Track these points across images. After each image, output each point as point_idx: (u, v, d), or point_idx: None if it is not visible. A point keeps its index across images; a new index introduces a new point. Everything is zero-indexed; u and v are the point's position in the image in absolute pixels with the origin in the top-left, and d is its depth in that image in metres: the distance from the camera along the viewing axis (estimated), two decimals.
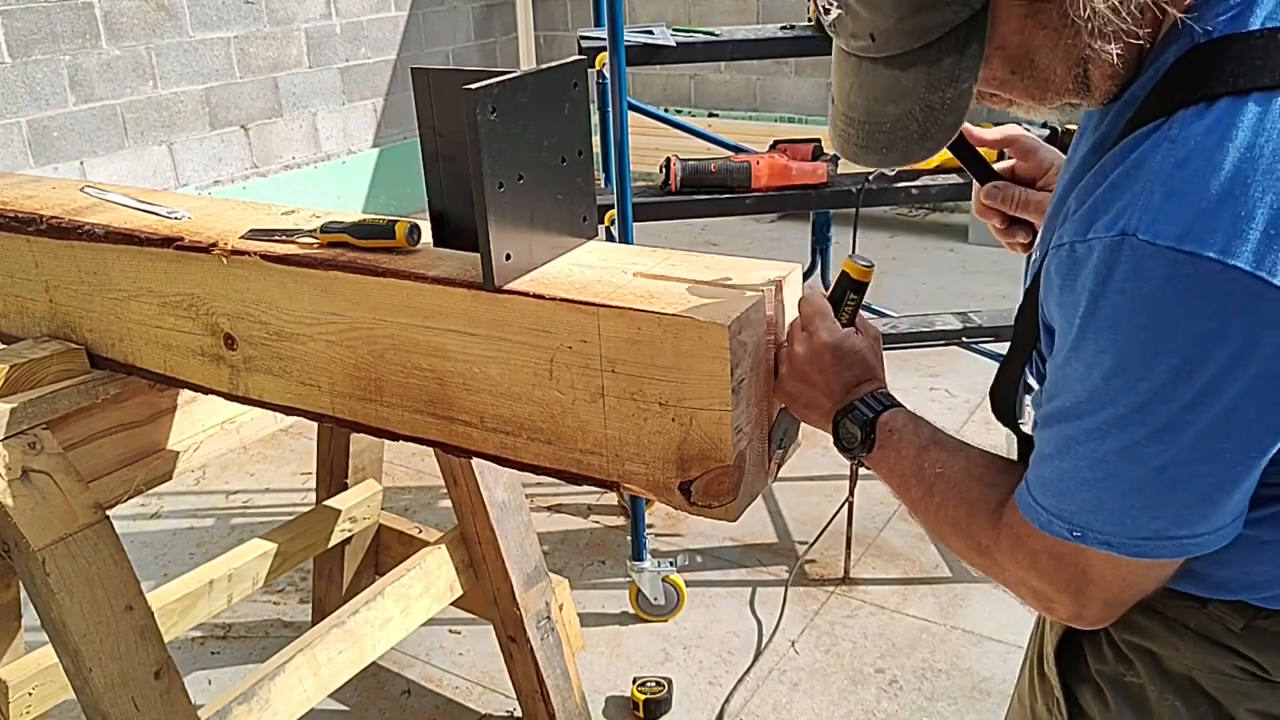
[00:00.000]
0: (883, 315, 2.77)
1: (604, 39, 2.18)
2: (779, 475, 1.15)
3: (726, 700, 2.27)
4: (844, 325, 1.03)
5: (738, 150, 2.61)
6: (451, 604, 2.07)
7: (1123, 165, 0.76)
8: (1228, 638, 0.90)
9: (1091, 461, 0.79)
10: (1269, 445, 0.75)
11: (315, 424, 1.53)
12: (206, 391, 1.44)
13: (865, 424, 0.99)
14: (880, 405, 1.00)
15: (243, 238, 1.34)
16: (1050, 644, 1.01)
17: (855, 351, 1.02)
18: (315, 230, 1.30)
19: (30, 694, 1.76)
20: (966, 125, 1.03)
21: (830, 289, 1.06)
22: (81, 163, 4.47)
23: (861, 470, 2.56)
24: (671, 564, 2.52)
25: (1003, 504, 0.89)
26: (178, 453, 1.83)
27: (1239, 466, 0.76)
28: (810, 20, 2.44)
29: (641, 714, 2.21)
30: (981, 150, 1.14)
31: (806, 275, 2.68)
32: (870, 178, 2.45)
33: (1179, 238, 0.70)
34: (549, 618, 2.06)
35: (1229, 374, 0.71)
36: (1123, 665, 0.96)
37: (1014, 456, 0.98)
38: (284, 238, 1.32)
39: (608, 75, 2.20)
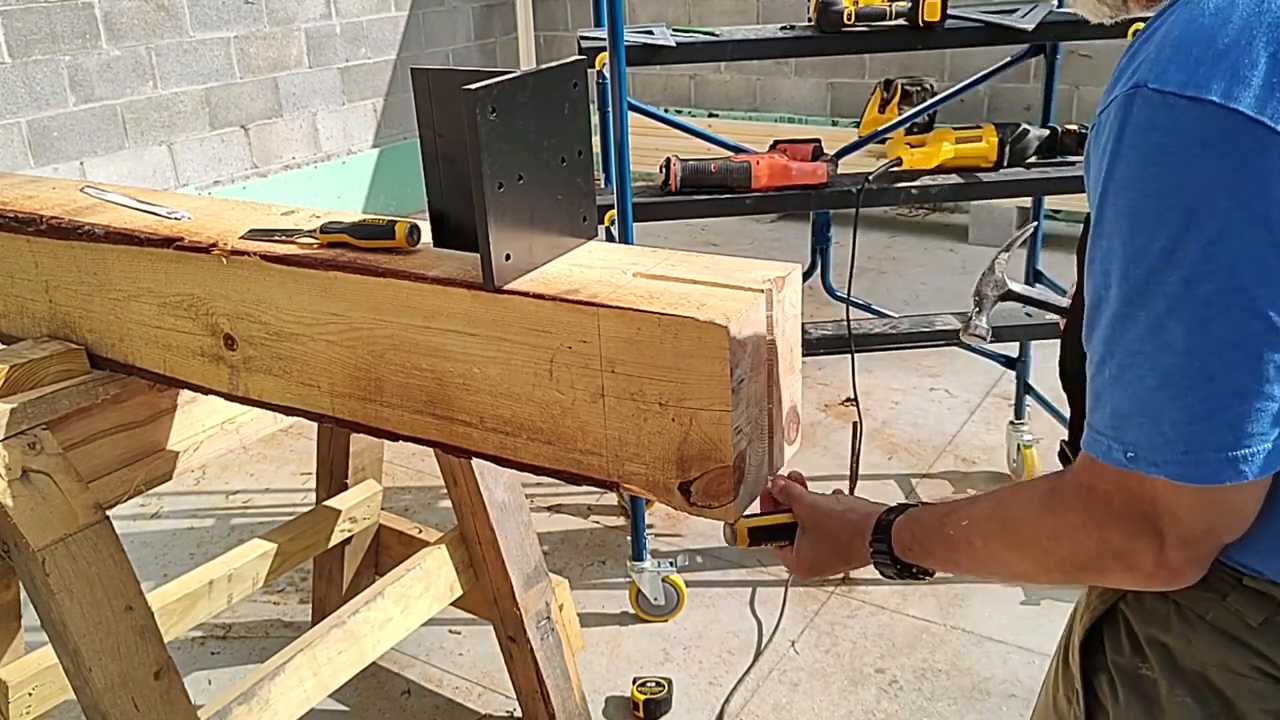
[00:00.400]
0: (882, 315, 2.77)
1: (604, 39, 2.18)
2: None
3: (726, 700, 2.27)
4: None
5: (738, 150, 2.61)
6: (451, 604, 2.07)
7: (1144, 34, 0.79)
8: (1245, 633, 0.88)
9: (1127, 357, 0.77)
10: None
11: (315, 424, 1.53)
12: (206, 392, 1.44)
13: (893, 568, 1.05)
14: (883, 547, 1.04)
15: (243, 238, 1.34)
16: (1078, 634, 1.01)
17: (831, 533, 1.10)
18: (315, 230, 1.30)
19: (30, 694, 1.76)
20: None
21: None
22: (81, 163, 4.47)
23: (861, 470, 2.57)
24: (671, 564, 2.52)
25: (1053, 488, 0.87)
26: (178, 453, 1.83)
27: (1267, 347, 0.73)
28: (810, 20, 2.44)
29: (641, 714, 2.21)
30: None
31: (806, 275, 2.68)
32: (870, 178, 2.45)
33: (1183, 84, 0.72)
34: (549, 618, 2.06)
35: (1234, 225, 0.71)
36: (1138, 658, 0.95)
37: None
38: (284, 238, 1.32)
39: (608, 75, 2.20)
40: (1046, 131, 2.52)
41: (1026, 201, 3.96)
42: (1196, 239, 0.71)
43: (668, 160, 2.49)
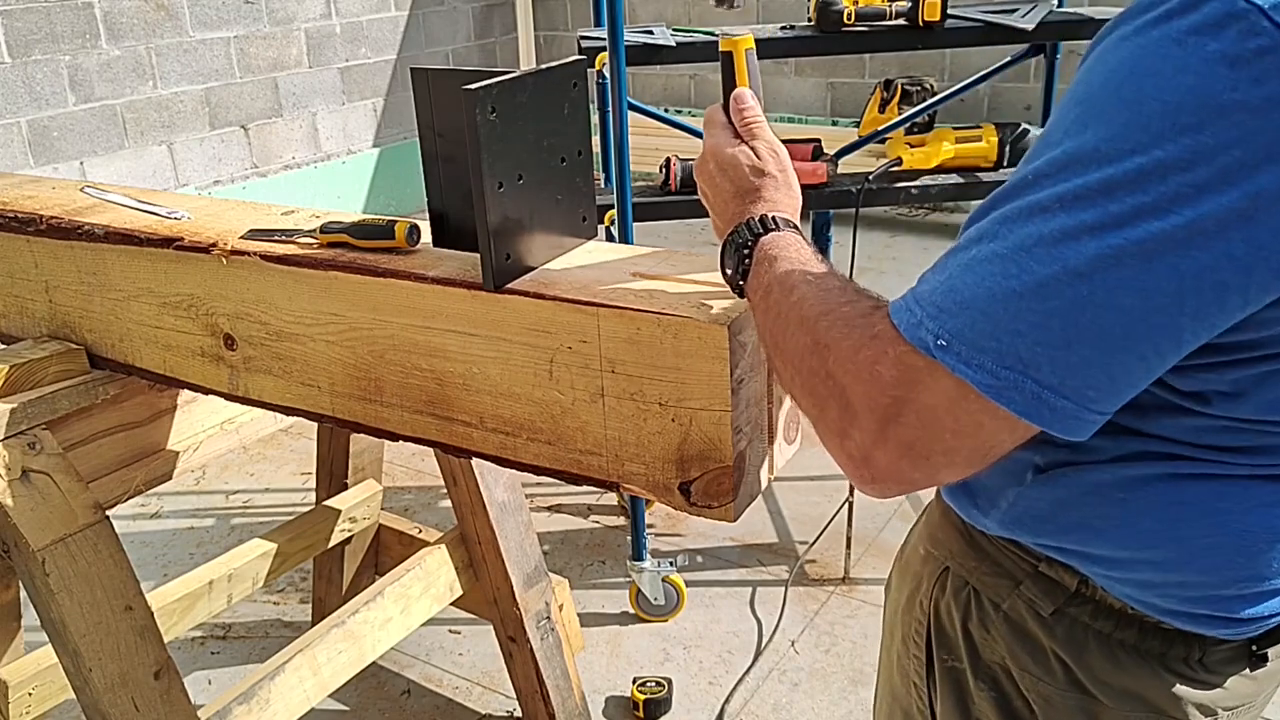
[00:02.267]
0: None
1: (604, 39, 2.18)
2: (778, 475, 1.15)
3: (726, 700, 2.27)
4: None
5: None
6: (451, 604, 2.07)
7: None
8: (1036, 626, 0.86)
9: (1008, 249, 0.67)
10: (1210, 315, 0.64)
11: (315, 424, 1.53)
12: (206, 392, 1.44)
13: (743, 246, 0.89)
14: (765, 229, 0.89)
15: (242, 238, 1.34)
16: (916, 621, 0.98)
17: (734, 163, 0.95)
18: (315, 230, 1.30)
19: (30, 694, 1.76)
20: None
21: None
22: (81, 163, 4.47)
23: None
24: (671, 564, 2.52)
25: (868, 314, 0.75)
26: (178, 453, 1.83)
27: (1162, 317, 0.64)
28: (810, 20, 2.44)
29: (641, 714, 2.21)
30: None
31: None
32: (870, 177, 2.45)
33: None
34: (549, 618, 2.06)
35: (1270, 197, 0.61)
36: (948, 648, 0.94)
37: None
38: (284, 238, 1.32)
39: (608, 75, 2.20)
40: None
41: None
42: (1183, 173, 0.61)
43: (668, 160, 2.49)
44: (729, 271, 0.92)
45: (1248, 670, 0.85)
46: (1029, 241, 0.66)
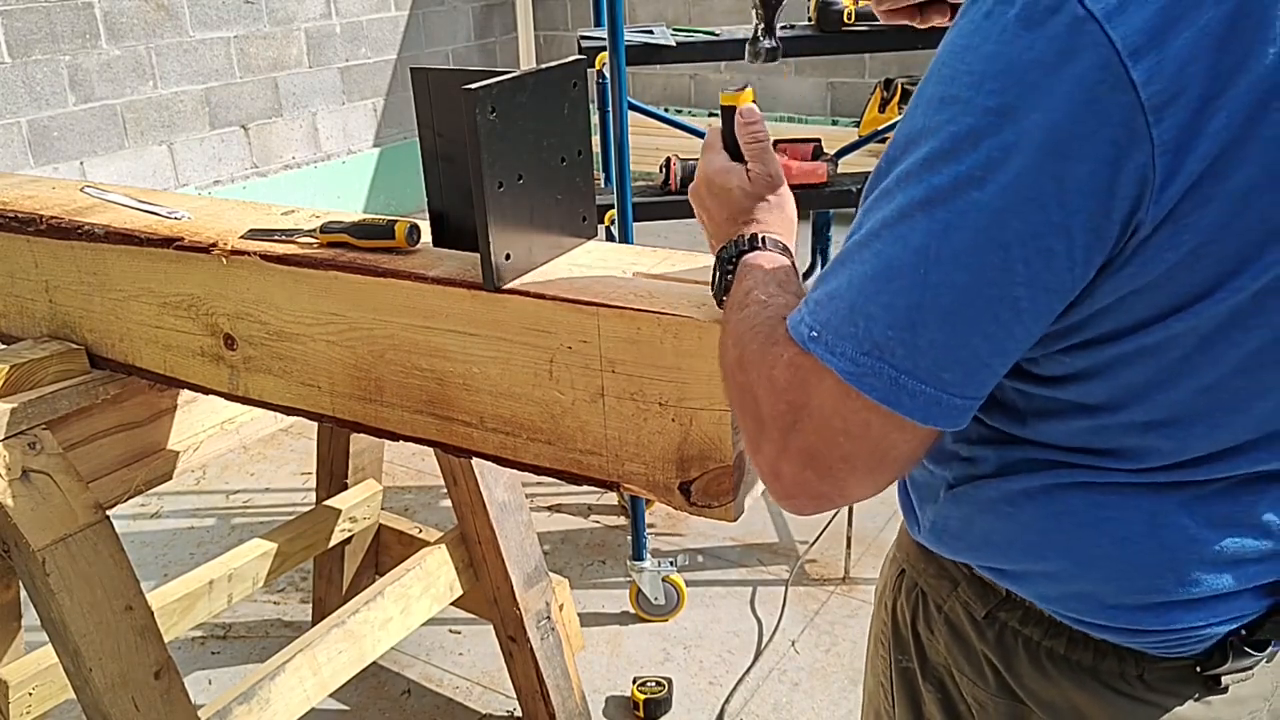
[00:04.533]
0: None
1: (604, 39, 2.18)
2: None
3: (727, 700, 2.27)
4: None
5: None
6: (451, 604, 2.07)
7: None
8: (971, 629, 0.86)
9: (866, 235, 0.68)
10: (1041, 285, 0.64)
11: (315, 424, 1.53)
12: (206, 391, 1.44)
13: (726, 264, 0.89)
14: (751, 247, 0.89)
15: (243, 238, 1.34)
16: (881, 620, 0.98)
17: (726, 188, 0.94)
18: (315, 230, 1.30)
19: (30, 694, 1.76)
20: None
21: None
22: (81, 163, 4.46)
23: None
24: (672, 564, 2.52)
25: (776, 325, 0.76)
26: (178, 453, 1.83)
27: (994, 289, 0.64)
28: (810, 20, 2.44)
29: (642, 714, 2.21)
30: None
31: (806, 275, 2.68)
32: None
33: None
34: (549, 617, 2.06)
35: (1046, 152, 0.61)
36: (899, 650, 0.94)
37: None
38: (284, 238, 1.32)
39: (608, 75, 2.20)
40: None
41: None
42: (991, 136, 0.62)
43: (668, 160, 2.49)
44: (712, 288, 0.93)
45: (1199, 696, 0.80)
46: (878, 225, 0.67)
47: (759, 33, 0.98)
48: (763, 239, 0.89)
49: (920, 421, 0.67)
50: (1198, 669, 0.80)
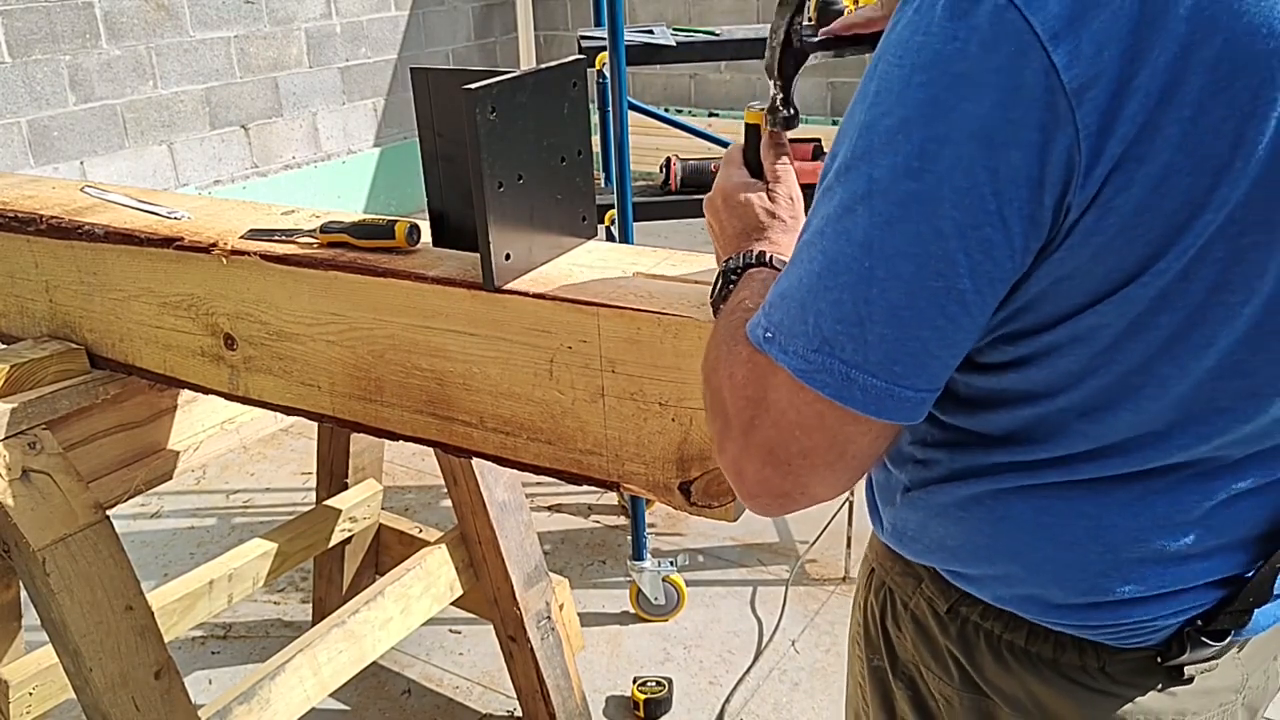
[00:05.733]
0: None
1: (604, 39, 2.18)
2: None
3: (727, 700, 2.27)
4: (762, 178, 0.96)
5: None
6: (451, 604, 2.06)
7: None
8: (934, 624, 0.86)
9: (812, 234, 0.69)
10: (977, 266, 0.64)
11: (315, 424, 1.53)
12: (206, 391, 1.44)
13: (728, 276, 0.88)
14: (758, 263, 0.88)
15: (243, 238, 1.34)
16: (854, 623, 0.99)
17: (744, 204, 0.93)
18: (315, 230, 1.30)
19: (30, 694, 1.76)
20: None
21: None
22: (81, 163, 4.46)
23: None
24: (672, 564, 2.52)
25: (738, 328, 0.77)
26: (178, 453, 1.83)
27: (937, 279, 0.64)
28: (810, 20, 2.44)
29: (642, 714, 2.21)
30: None
31: None
32: None
33: None
34: (549, 617, 2.06)
35: (964, 133, 0.62)
36: (870, 649, 0.94)
37: None
38: (284, 238, 1.32)
39: (608, 75, 2.20)
40: None
41: None
42: (923, 127, 0.63)
43: (668, 160, 2.49)
44: (711, 296, 0.93)
45: (1162, 686, 0.80)
46: (823, 222, 0.68)
47: (778, 102, 1.00)
48: (770, 258, 0.89)
49: (873, 415, 0.68)
50: (1158, 659, 0.80)
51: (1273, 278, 0.67)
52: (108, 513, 1.52)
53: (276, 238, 1.32)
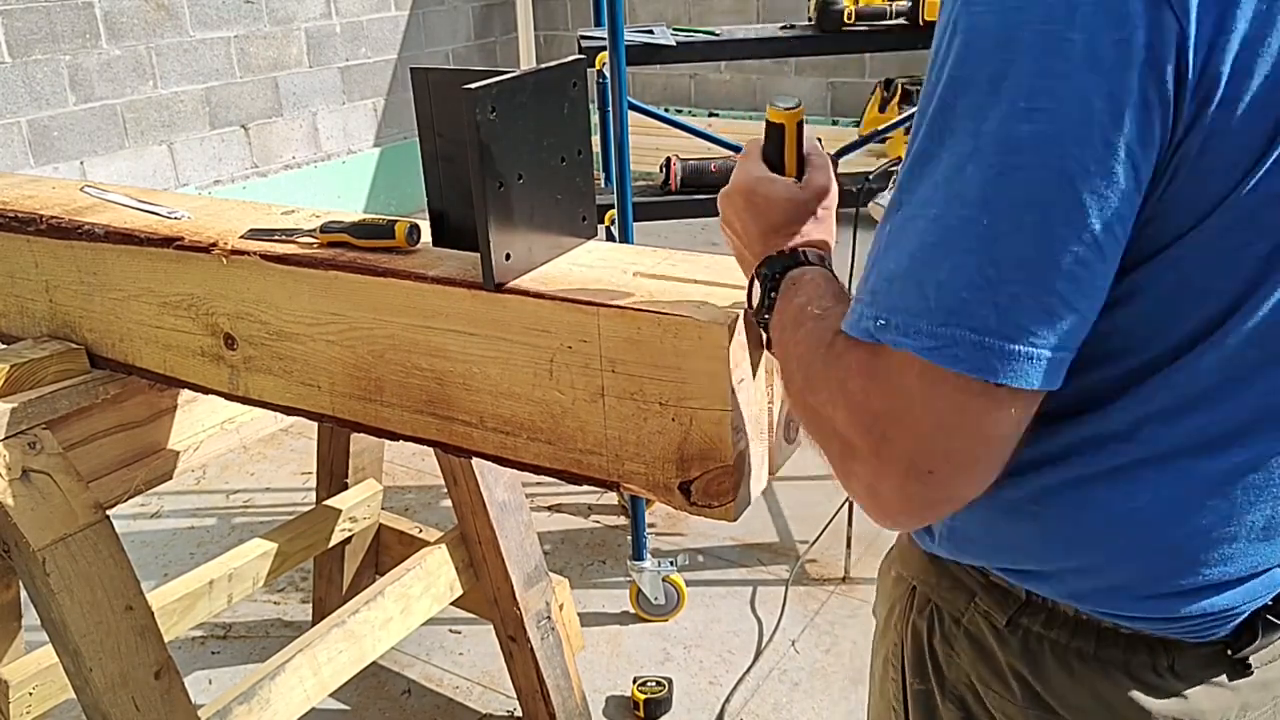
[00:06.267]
0: None
1: (604, 39, 2.18)
2: (779, 475, 1.15)
3: (727, 700, 2.27)
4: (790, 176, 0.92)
5: (738, 150, 2.61)
6: (451, 604, 2.07)
7: None
8: (993, 639, 0.82)
9: (916, 206, 0.65)
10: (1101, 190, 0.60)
11: (315, 424, 1.53)
12: (206, 391, 1.44)
13: (769, 280, 0.84)
14: (795, 262, 0.84)
15: (243, 238, 1.34)
16: (891, 644, 0.95)
17: (769, 199, 0.88)
18: (315, 230, 1.30)
19: (30, 694, 1.76)
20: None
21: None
22: (81, 163, 4.47)
23: None
24: (672, 564, 2.52)
25: (832, 340, 0.72)
26: (178, 453, 1.83)
27: (1067, 226, 0.60)
28: (810, 19, 2.44)
29: (642, 714, 2.21)
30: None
31: None
32: (870, 177, 2.44)
33: None
34: (549, 617, 2.06)
35: (1078, 64, 0.59)
36: (915, 674, 0.90)
37: None
38: (284, 238, 1.32)
39: (608, 75, 2.20)
40: None
41: None
42: (1031, 66, 0.59)
43: (668, 160, 2.49)
44: (753, 305, 0.89)
45: (1226, 679, 0.78)
46: (926, 192, 0.64)
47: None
48: (804, 253, 0.85)
49: (1017, 384, 0.62)
50: (1228, 652, 0.78)
51: None
52: (108, 513, 1.52)
53: (276, 237, 1.32)
